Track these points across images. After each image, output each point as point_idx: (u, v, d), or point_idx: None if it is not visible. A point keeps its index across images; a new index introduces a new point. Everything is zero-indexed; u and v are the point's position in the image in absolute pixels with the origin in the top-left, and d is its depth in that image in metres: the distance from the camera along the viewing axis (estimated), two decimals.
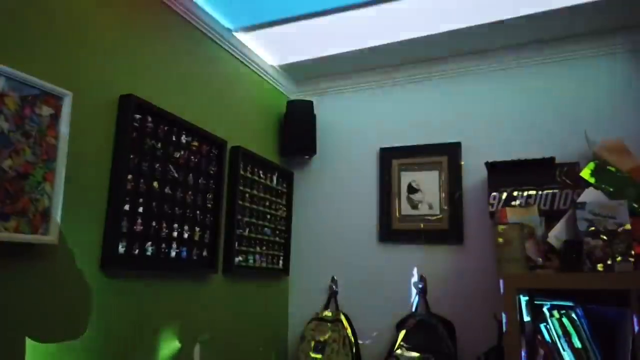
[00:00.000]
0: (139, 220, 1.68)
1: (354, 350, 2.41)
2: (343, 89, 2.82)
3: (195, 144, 1.99)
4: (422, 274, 2.45)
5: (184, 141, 1.93)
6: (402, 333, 2.34)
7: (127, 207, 1.63)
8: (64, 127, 1.38)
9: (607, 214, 1.81)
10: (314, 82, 2.87)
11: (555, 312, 1.78)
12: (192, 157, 1.97)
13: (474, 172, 2.44)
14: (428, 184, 2.55)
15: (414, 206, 2.56)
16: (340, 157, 2.77)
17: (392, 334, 2.39)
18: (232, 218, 2.20)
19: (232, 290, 2.23)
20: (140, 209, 1.69)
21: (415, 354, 2.26)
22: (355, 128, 2.77)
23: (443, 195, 2.50)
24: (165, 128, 1.84)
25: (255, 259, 2.39)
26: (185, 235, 1.90)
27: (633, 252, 1.76)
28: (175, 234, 1.85)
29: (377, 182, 2.65)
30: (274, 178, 2.60)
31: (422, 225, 2.52)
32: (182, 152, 1.91)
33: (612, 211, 1.82)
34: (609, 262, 1.76)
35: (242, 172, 2.30)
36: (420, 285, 2.44)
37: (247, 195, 2.34)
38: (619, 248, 1.77)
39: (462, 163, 2.48)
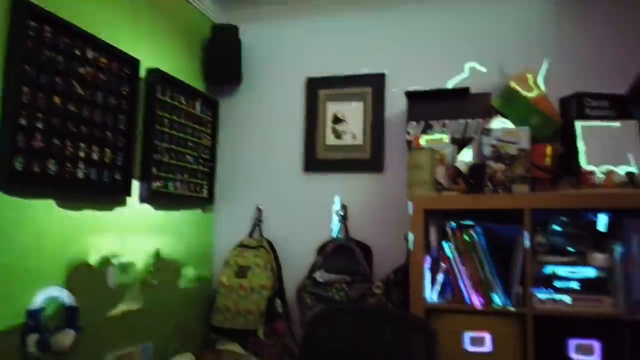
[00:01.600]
0: (38, 137, 1.59)
1: (276, 274, 2.48)
2: (271, 15, 2.73)
3: (104, 60, 1.88)
4: (344, 202, 2.53)
5: (90, 56, 1.81)
6: (322, 256, 2.43)
7: (23, 121, 1.54)
8: None
9: (510, 139, 1.91)
10: (240, 7, 2.74)
11: (457, 231, 1.90)
12: (101, 75, 1.87)
13: (397, 103, 2.48)
14: (352, 115, 2.58)
15: (338, 136, 2.59)
16: (267, 86, 2.73)
17: (313, 258, 2.48)
18: (148, 142, 2.13)
19: (151, 215, 2.20)
20: (40, 125, 1.60)
21: (333, 275, 2.36)
22: (283, 56, 2.71)
23: (367, 125, 2.54)
24: (67, 40, 1.72)
25: (177, 186, 2.35)
26: (95, 156, 1.83)
27: (530, 176, 1.89)
28: (82, 153, 1.77)
29: (303, 112, 2.65)
30: (197, 105, 2.53)
31: (345, 155, 2.56)
32: (87, 68, 1.80)
33: (514, 137, 1.92)
34: (508, 184, 1.89)
35: (160, 96, 2.21)
36: (341, 213, 2.51)
37: (166, 120, 2.26)
38: (518, 171, 1.89)
39: (386, 93, 2.52)
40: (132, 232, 2.08)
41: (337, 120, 2.60)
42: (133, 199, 2.07)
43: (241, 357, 2.27)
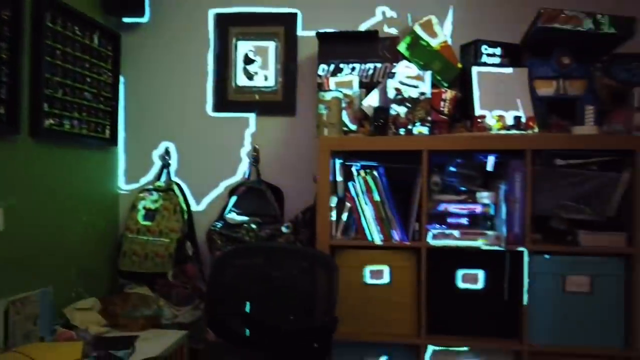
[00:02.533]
0: None
1: (185, 217, 2.45)
2: None
3: None
4: (255, 145, 2.51)
5: None
6: (233, 199, 2.43)
7: None
8: None
9: (412, 83, 1.98)
10: None
11: (361, 172, 1.97)
12: None
13: (310, 44, 2.45)
14: (264, 55, 2.52)
15: (250, 77, 2.53)
16: (175, 21, 2.56)
17: (225, 200, 2.47)
18: (37, 75, 1.95)
19: (45, 155, 2.05)
20: None
21: (244, 218, 2.38)
22: None
23: (279, 66, 2.50)
24: None
25: (74, 125, 2.20)
26: None
27: (430, 119, 1.99)
28: None
29: (212, 51, 2.54)
30: (95, 38, 2.33)
31: (257, 97, 2.53)
32: None
33: (417, 81, 1.99)
34: (409, 126, 1.97)
35: (49, 24, 2.01)
36: (253, 155, 2.50)
37: (58, 52, 2.07)
38: (419, 114, 1.98)
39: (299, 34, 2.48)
40: (23, 172, 1.93)
41: (248, 60, 2.53)
42: (22, 136, 1.91)
43: (149, 299, 2.26)
